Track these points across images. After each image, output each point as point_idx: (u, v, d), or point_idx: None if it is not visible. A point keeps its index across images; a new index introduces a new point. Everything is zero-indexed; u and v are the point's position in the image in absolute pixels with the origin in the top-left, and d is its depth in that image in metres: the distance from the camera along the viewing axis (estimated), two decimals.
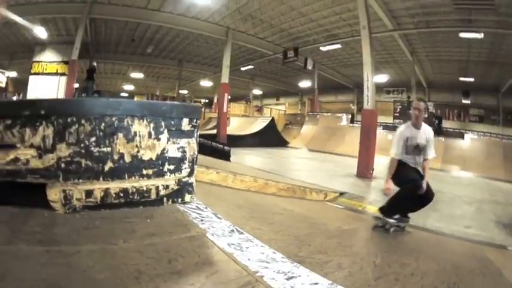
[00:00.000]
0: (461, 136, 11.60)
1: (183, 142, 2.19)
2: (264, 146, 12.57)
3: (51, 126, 1.85)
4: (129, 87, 24.97)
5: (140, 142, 2.04)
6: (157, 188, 2.11)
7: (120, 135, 1.98)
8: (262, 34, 13.77)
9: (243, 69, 18.31)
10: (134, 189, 2.03)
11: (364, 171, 6.86)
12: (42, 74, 14.20)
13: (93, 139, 1.91)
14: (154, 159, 2.09)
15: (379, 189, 4.62)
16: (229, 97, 14.06)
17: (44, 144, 1.85)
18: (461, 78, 15.20)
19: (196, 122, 2.28)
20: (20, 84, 18.05)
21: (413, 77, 14.90)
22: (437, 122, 12.66)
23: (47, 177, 1.86)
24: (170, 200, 2.18)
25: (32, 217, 1.76)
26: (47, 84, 13.87)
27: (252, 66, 18.23)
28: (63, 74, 14.02)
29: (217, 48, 15.13)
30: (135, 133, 2.03)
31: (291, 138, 15.43)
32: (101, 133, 1.93)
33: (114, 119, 1.97)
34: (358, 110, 18.48)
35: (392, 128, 11.81)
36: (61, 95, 13.11)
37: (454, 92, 16.99)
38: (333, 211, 3.51)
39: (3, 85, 18.49)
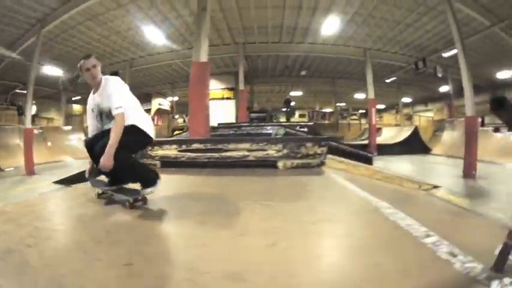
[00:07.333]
0: None
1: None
2: (408, 153, 13.85)
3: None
4: (291, 103, 26.27)
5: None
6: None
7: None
8: (393, 49, 15.20)
9: (387, 81, 19.64)
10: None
11: (468, 172, 7.72)
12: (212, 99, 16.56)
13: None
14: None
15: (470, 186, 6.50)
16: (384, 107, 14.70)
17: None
18: None
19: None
20: (182, 106, 22.49)
21: None
22: None
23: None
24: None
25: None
26: (220, 107, 16.49)
27: (395, 78, 19.23)
28: (228, 98, 17.18)
29: (361, 66, 16.38)
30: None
31: (438, 144, 15.46)
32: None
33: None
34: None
35: None
36: (231, 115, 16.50)
37: None
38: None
39: (168, 108, 23.68)
